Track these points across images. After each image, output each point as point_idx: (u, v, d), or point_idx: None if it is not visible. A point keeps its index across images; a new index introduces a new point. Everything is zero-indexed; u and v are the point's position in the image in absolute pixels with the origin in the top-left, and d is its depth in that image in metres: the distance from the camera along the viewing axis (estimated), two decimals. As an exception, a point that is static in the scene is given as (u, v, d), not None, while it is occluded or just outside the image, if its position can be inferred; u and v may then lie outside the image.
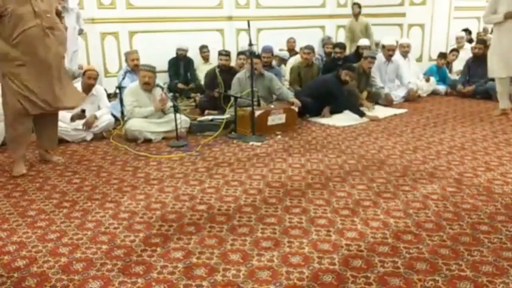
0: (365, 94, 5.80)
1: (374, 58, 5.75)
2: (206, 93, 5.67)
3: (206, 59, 6.98)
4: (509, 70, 4.92)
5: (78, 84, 4.39)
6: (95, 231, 2.48)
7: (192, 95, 6.38)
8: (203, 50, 6.94)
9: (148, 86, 4.47)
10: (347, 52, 6.86)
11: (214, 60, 6.49)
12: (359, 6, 7.42)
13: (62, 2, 5.03)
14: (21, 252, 2.26)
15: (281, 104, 4.91)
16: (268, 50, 5.81)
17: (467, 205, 2.74)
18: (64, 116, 4.31)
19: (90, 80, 4.45)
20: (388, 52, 6.07)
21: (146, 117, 4.41)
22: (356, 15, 7.48)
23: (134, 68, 5.33)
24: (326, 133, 4.62)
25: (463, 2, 7.73)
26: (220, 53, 5.73)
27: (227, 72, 5.52)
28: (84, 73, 4.52)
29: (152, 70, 4.47)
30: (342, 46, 6.52)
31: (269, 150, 4.01)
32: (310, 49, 5.95)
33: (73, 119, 4.34)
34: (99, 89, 4.66)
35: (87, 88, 4.46)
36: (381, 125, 4.92)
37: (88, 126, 4.40)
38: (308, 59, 5.93)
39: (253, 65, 4.58)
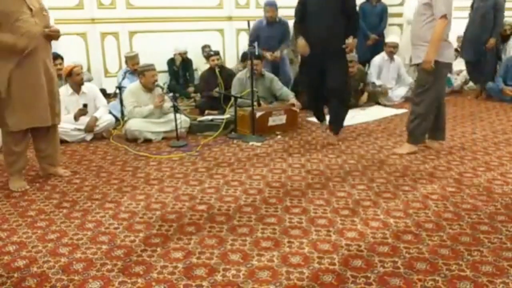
0: (365, 96, 5.78)
1: (350, 61, 5.46)
2: (204, 94, 5.67)
3: (208, 58, 6.95)
4: None
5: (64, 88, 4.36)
6: (95, 231, 2.48)
7: (192, 95, 6.39)
8: (205, 50, 6.90)
9: (154, 85, 4.48)
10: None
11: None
12: None
13: None
14: (21, 252, 2.26)
15: (282, 105, 4.91)
16: (271, 3, 5.71)
17: (467, 205, 2.74)
18: (67, 116, 4.32)
19: (79, 76, 4.39)
20: (389, 49, 6.06)
21: (146, 116, 4.42)
22: None
23: (134, 71, 5.37)
24: (326, 133, 4.61)
25: (463, 2, 7.72)
26: (210, 55, 5.74)
27: (224, 71, 5.57)
28: (70, 73, 4.37)
29: (155, 68, 4.51)
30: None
31: (269, 150, 4.01)
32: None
33: (75, 118, 4.34)
34: (90, 87, 4.62)
35: (78, 86, 4.44)
36: (381, 125, 4.92)
37: (89, 129, 4.40)
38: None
39: (253, 66, 4.58)
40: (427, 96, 3.66)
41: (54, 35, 3.11)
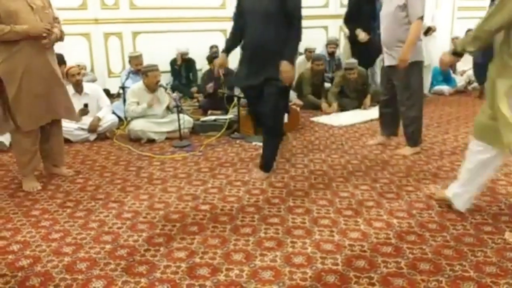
0: (368, 98, 5.77)
1: (351, 69, 5.53)
2: (205, 93, 5.68)
3: (212, 59, 6.82)
4: None
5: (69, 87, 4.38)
6: (98, 230, 2.49)
7: (195, 95, 6.39)
8: (212, 50, 6.78)
9: (157, 85, 4.49)
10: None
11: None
12: None
13: None
14: (25, 251, 2.27)
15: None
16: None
17: (471, 205, 2.73)
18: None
19: (74, 77, 4.40)
20: None
21: (145, 116, 4.40)
22: None
23: (137, 70, 5.39)
24: (329, 133, 4.61)
25: (467, 2, 7.70)
26: (214, 57, 5.73)
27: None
28: (66, 74, 4.40)
29: (158, 69, 4.51)
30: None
31: (272, 150, 4.00)
32: (320, 60, 5.96)
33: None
34: (93, 88, 4.64)
35: (78, 86, 4.45)
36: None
37: (92, 129, 4.41)
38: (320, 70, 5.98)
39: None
40: (417, 97, 3.72)
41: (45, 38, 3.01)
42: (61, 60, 4.87)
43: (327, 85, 6.22)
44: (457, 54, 2.45)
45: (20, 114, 3.01)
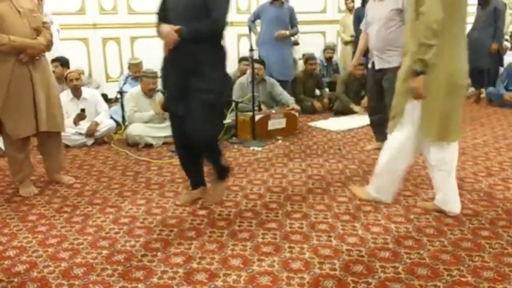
0: (365, 99, 5.78)
1: (361, 64, 5.38)
2: None
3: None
4: None
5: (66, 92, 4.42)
6: (95, 236, 2.48)
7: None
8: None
9: (152, 92, 4.50)
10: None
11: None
12: (353, 0, 7.30)
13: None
14: (21, 257, 2.26)
15: (282, 109, 4.93)
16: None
17: (468, 210, 2.74)
18: (66, 120, 4.32)
19: (72, 82, 4.42)
20: None
21: (147, 122, 4.43)
22: (350, 10, 7.37)
23: (136, 77, 5.40)
24: (327, 138, 4.62)
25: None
26: None
27: None
28: (65, 79, 4.49)
29: (155, 76, 4.50)
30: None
31: (270, 155, 4.01)
32: (314, 59, 6.04)
33: (75, 122, 4.35)
34: (91, 93, 4.65)
35: (76, 91, 4.47)
36: (382, 130, 4.93)
37: (90, 134, 4.41)
38: (315, 69, 6.06)
39: (254, 71, 4.60)
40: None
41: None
42: (65, 63, 4.93)
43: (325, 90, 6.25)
44: (420, 72, 2.38)
45: (8, 121, 2.96)
